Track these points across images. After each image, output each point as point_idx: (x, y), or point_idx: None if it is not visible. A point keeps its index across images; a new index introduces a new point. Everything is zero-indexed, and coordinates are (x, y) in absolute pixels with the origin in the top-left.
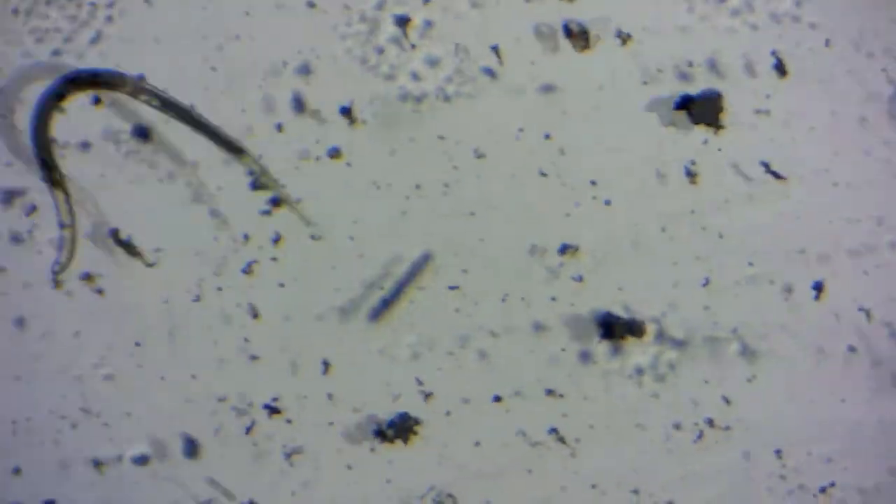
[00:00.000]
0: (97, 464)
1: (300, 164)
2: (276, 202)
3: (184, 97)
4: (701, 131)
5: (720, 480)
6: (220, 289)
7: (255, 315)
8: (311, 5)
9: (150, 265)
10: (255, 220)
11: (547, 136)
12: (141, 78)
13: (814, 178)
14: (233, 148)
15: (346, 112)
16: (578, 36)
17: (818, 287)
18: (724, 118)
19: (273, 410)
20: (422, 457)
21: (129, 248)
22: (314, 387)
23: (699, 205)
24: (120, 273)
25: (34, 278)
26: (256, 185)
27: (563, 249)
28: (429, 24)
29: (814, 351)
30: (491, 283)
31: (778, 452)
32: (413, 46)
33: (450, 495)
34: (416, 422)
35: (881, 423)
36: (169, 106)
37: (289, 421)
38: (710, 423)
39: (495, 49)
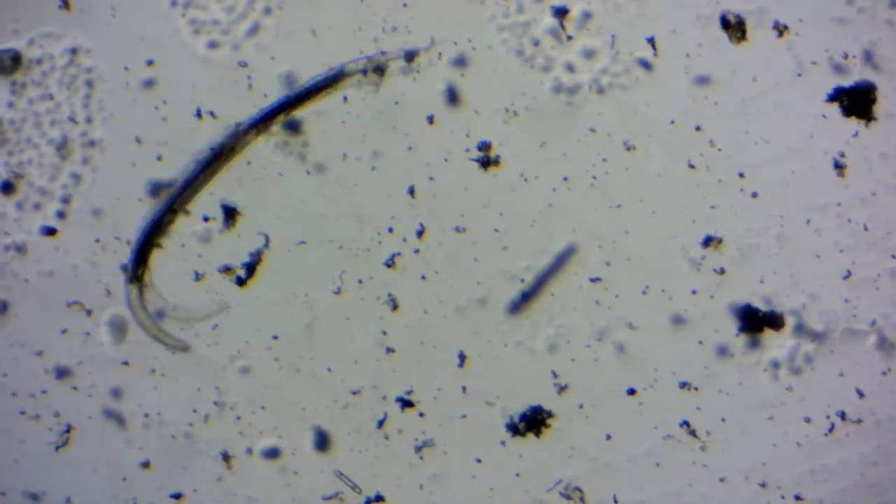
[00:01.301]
0: (226, 457)
1: (449, 155)
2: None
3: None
4: (852, 123)
5: (850, 474)
6: (360, 281)
7: (395, 308)
8: None
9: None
10: (400, 213)
11: (698, 128)
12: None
13: None
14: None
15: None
16: (735, 27)
17: None
18: (878, 110)
19: (406, 404)
20: (552, 450)
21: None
22: (449, 380)
23: (846, 197)
24: (260, 265)
25: (174, 271)
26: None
27: (707, 242)
28: (587, 15)
29: None
30: (633, 276)
31: None
32: (570, 38)
33: (577, 489)
34: (549, 415)
35: None
36: None
37: (421, 414)
38: (843, 416)
39: (651, 41)
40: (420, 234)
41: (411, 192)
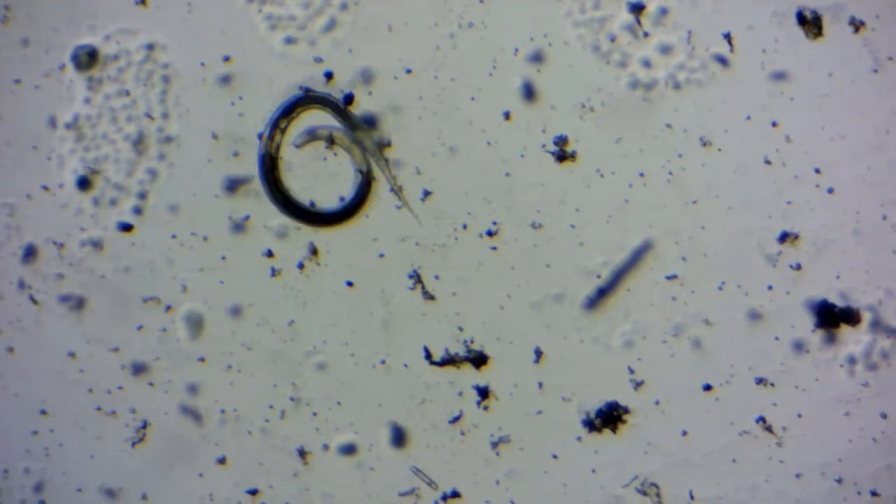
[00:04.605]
0: (302, 453)
1: (526, 150)
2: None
3: (414, 86)
4: None
5: None
6: (437, 277)
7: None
8: None
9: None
10: (476, 209)
11: (774, 124)
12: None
13: None
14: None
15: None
16: (811, 23)
17: None
18: None
19: (483, 399)
20: (628, 446)
21: None
22: (525, 375)
23: None
24: (337, 261)
25: (252, 267)
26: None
27: (783, 237)
28: (664, 11)
29: None
30: (709, 271)
31: None
32: (646, 34)
33: (653, 484)
34: (625, 411)
35: None
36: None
37: (497, 410)
38: None
39: (727, 36)
40: (491, 234)
41: (488, 187)
